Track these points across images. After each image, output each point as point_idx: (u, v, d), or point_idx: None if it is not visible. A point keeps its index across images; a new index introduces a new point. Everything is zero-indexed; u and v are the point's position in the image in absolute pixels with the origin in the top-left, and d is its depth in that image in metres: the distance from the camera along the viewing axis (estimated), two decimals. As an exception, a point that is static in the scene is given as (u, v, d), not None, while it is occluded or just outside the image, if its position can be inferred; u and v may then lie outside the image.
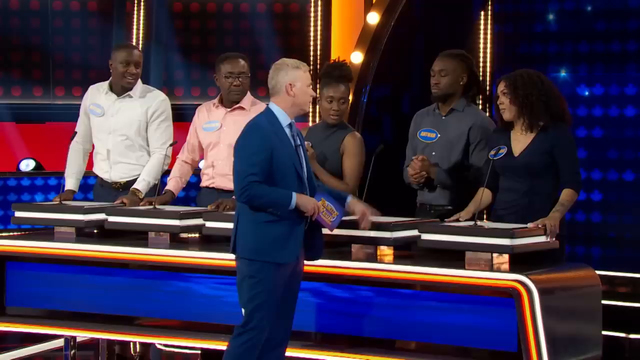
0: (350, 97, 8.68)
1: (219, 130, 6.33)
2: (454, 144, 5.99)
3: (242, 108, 6.33)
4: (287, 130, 5.15)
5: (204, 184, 6.41)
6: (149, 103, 6.48)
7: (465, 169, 5.98)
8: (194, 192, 6.74)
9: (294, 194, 5.04)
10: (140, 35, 11.78)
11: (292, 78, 5.17)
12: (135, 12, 11.84)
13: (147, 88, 6.60)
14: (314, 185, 5.23)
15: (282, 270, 5.06)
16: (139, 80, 6.56)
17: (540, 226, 5.31)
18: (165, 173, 6.48)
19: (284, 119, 5.16)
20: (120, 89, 6.51)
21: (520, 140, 5.61)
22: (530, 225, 5.32)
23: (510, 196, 5.63)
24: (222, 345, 5.68)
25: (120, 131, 6.48)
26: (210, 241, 5.90)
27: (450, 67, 6.00)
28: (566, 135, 5.58)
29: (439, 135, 6.04)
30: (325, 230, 5.23)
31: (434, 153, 6.03)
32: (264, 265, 5.03)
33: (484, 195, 5.61)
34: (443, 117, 6.06)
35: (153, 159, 6.40)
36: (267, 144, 5.04)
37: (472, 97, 6.11)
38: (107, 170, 6.52)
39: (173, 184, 6.37)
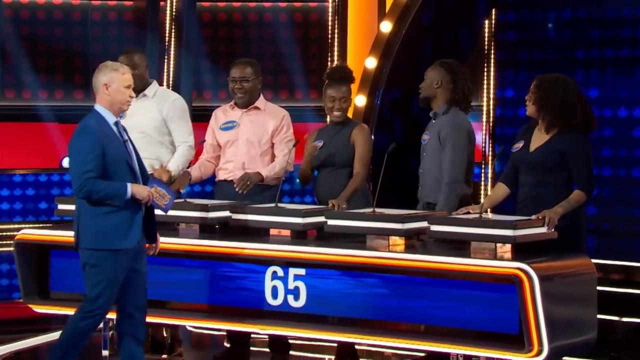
0: (365, 100, 8.67)
1: (236, 128, 6.34)
2: (438, 145, 5.95)
3: (257, 108, 6.36)
4: (114, 128, 5.25)
5: (221, 178, 6.42)
6: (162, 104, 6.52)
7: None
8: (209, 186, 6.73)
9: (129, 185, 5.14)
10: (172, 43, 11.80)
11: (108, 79, 5.26)
12: (168, 21, 11.87)
13: (161, 89, 6.65)
14: (147, 174, 5.34)
15: (123, 256, 5.14)
16: (154, 81, 6.59)
17: (540, 217, 5.29)
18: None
19: (110, 118, 5.26)
20: (135, 91, 6.54)
21: (539, 138, 5.59)
22: (533, 217, 5.30)
23: (524, 189, 5.62)
24: (246, 327, 5.69)
25: (139, 128, 6.49)
26: (235, 231, 5.90)
27: (429, 73, 6.00)
28: (579, 143, 5.50)
29: (428, 137, 6.02)
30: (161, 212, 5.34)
31: (424, 154, 6.03)
32: (106, 253, 5.12)
33: (499, 190, 5.63)
34: (433, 121, 6.04)
35: (179, 149, 6.42)
36: (98, 142, 5.13)
37: (455, 101, 6.01)
38: None
39: (193, 171, 6.39)
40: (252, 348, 6.39)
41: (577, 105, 5.53)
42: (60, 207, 6.29)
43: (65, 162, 11.54)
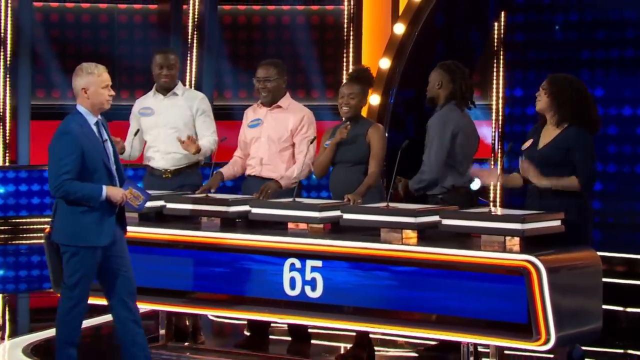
0: (379, 99, 8.66)
1: (261, 126, 6.35)
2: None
3: (279, 107, 6.35)
4: (95, 128, 5.22)
5: (247, 173, 6.43)
6: (192, 101, 6.54)
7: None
8: (238, 181, 6.74)
9: (104, 187, 5.14)
10: (194, 45, 11.81)
11: (85, 83, 5.22)
12: (190, 24, 11.88)
13: (187, 89, 6.71)
14: (123, 175, 5.33)
15: (97, 251, 5.18)
16: (179, 82, 6.62)
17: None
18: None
19: (91, 119, 5.24)
20: (163, 90, 6.56)
21: (548, 135, 5.58)
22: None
23: (533, 184, 5.60)
24: (265, 317, 5.70)
25: (170, 124, 6.51)
26: (255, 225, 5.90)
27: (432, 75, 6.03)
28: (584, 139, 5.49)
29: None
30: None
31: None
32: (81, 249, 5.15)
33: (517, 176, 5.64)
34: None
35: (205, 139, 6.43)
36: (77, 144, 5.12)
37: (454, 98, 5.98)
38: (159, 160, 6.55)
39: (225, 169, 6.40)
40: (271, 337, 6.40)
41: (590, 104, 5.56)
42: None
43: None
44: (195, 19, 11.81)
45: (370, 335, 6.09)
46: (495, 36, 9.01)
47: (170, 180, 6.45)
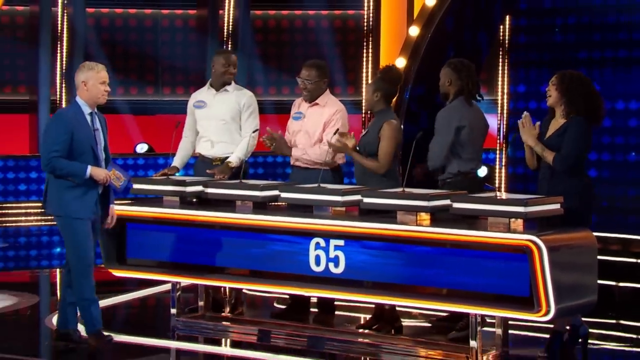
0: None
1: (302, 120, 6.33)
2: None
3: (317, 104, 6.32)
4: (88, 118, 5.39)
5: (292, 163, 6.42)
6: (241, 98, 6.52)
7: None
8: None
9: (88, 167, 5.33)
10: (229, 46, 11.82)
11: (85, 77, 5.37)
12: (225, 27, 11.90)
13: (238, 86, 6.66)
14: (110, 161, 5.49)
15: (86, 221, 5.37)
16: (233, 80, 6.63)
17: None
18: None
19: (86, 109, 5.40)
20: (220, 85, 6.53)
21: (554, 126, 5.56)
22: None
23: (542, 171, 5.59)
24: (292, 290, 5.71)
25: (219, 117, 6.51)
26: (284, 208, 5.90)
27: (442, 73, 6.01)
28: (578, 125, 5.45)
29: None
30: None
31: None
32: (70, 219, 5.34)
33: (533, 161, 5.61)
34: None
35: (244, 141, 6.45)
36: (68, 128, 5.30)
37: (462, 94, 5.94)
38: (209, 149, 6.55)
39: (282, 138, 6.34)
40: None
41: (596, 97, 5.52)
42: (135, 186, 6.31)
43: (139, 148, 11.62)
44: (230, 23, 11.82)
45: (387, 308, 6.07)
46: (501, 38, 8.95)
47: (219, 167, 6.44)
